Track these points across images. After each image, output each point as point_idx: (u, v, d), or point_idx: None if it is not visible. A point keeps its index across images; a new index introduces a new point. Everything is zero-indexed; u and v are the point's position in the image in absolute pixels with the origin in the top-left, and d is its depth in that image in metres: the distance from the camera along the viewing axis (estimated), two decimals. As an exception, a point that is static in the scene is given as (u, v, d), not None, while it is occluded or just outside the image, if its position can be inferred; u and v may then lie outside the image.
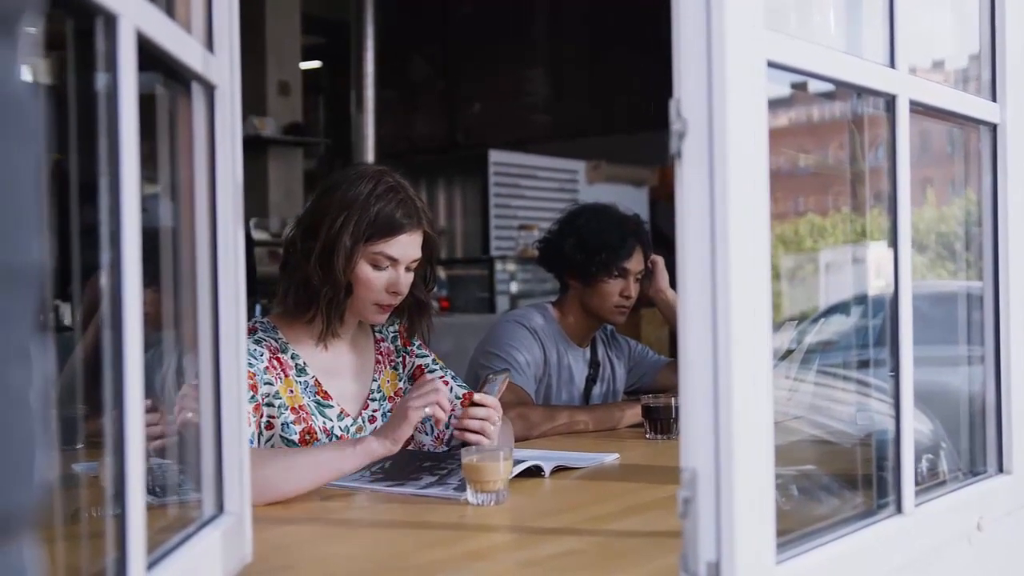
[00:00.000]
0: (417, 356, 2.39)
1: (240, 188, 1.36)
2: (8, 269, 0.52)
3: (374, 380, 2.31)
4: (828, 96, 1.64)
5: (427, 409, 1.93)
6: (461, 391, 2.36)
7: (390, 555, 1.57)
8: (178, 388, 1.43)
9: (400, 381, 2.35)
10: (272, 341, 2.16)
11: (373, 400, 2.29)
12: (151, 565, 1.05)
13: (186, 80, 1.27)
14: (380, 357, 2.34)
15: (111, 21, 0.96)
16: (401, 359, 2.37)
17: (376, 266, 2.15)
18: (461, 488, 1.86)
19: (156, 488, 1.32)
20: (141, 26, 1.01)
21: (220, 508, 1.33)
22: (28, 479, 0.54)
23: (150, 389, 1.03)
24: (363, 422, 2.25)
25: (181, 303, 1.33)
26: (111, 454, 0.98)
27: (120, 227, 0.97)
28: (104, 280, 0.98)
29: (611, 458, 2.29)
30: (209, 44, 1.31)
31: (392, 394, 2.32)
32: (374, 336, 2.35)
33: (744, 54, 1.15)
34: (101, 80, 0.98)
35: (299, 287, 2.16)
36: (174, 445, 1.44)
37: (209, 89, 1.31)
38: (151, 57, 1.08)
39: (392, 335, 2.38)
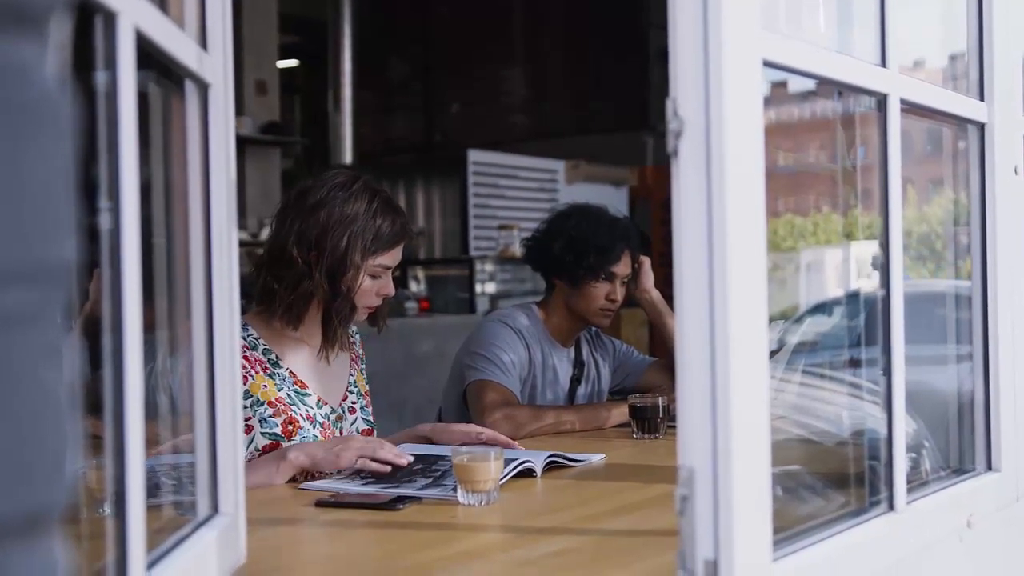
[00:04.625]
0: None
1: (234, 187, 1.35)
2: (42, 267, 0.51)
3: (351, 375, 2.38)
4: (808, 95, 1.64)
5: (359, 463, 2.01)
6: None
7: (384, 555, 1.56)
8: (164, 388, 1.42)
9: (367, 383, 2.44)
10: (241, 339, 2.17)
11: (352, 393, 2.36)
12: (150, 565, 1.04)
13: (180, 78, 1.26)
14: (353, 356, 2.42)
15: (110, 19, 0.95)
16: (366, 366, 2.47)
17: (374, 276, 2.23)
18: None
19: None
20: (140, 24, 1.00)
21: (215, 509, 1.32)
22: (60, 477, 0.54)
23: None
24: (343, 411, 2.32)
25: (173, 302, 1.32)
26: (111, 456, 0.97)
27: (120, 226, 0.96)
28: (101, 279, 0.97)
29: (598, 458, 2.30)
30: (203, 42, 1.30)
31: (364, 391, 2.41)
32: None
33: (741, 54, 1.15)
34: (100, 78, 0.97)
35: (298, 297, 2.19)
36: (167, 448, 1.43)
37: (203, 87, 1.30)
38: (146, 55, 1.07)
39: (358, 341, 2.47)
